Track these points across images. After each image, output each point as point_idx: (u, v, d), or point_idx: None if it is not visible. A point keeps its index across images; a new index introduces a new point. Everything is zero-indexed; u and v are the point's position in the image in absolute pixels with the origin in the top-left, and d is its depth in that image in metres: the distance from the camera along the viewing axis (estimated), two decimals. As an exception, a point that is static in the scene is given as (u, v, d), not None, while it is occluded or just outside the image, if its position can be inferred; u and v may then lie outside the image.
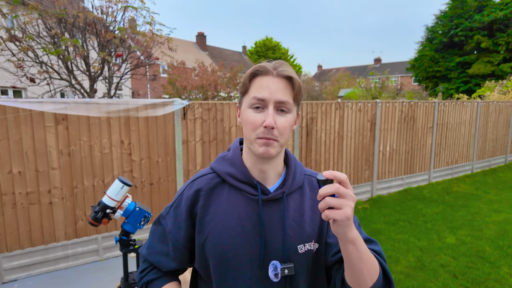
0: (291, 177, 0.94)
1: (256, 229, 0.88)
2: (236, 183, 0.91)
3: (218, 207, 0.90)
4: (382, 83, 16.36)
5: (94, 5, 4.18)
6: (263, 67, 0.86)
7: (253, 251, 0.87)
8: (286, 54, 31.59)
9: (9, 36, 3.69)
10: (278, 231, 0.88)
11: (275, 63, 0.88)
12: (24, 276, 3.30)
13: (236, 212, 0.89)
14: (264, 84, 0.84)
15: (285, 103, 0.84)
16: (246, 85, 0.88)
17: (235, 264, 0.86)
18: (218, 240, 0.87)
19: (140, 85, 18.42)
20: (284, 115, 0.85)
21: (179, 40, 27.62)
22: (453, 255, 3.81)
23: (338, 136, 5.44)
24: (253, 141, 0.85)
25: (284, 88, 0.85)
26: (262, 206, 0.89)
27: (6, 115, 3.05)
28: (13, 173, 3.14)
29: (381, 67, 41.80)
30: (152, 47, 4.59)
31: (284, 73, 0.85)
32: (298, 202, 0.94)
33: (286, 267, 0.86)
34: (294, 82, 0.86)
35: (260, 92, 0.83)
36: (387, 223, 4.82)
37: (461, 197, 6.02)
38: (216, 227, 0.88)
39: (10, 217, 3.18)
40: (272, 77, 0.85)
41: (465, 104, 7.39)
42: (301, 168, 0.99)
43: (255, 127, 0.84)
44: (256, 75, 0.86)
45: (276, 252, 0.87)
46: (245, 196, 0.90)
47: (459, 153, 7.55)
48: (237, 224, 0.87)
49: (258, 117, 0.84)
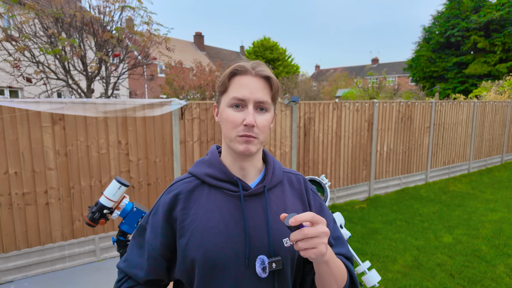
0: (271, 172, 0.95)
1: (239, 226, 0.87)
2: (216, 182, 0.91)
3: (199, 208, 0.88)
4: (380, 83, 16.42)
5: (91, 5, 4.17)
6: (242, 66, 0.87)
7: (237, 248, 0.85)
8: (284, 54, 31.59)
9: (6, 35, 3.67)
10: (261, 225, 0.88)
11: (252, 63, 0.89)
12: (20, 277, 3.29)
13: (217, 210, 0.88)
14: (243, 84, 0.85)
15: (264, 103, 0.86)
16: (226, 84, 0.89)
17: (221, 264, 0.84)
18: (200, 241, 0.85)
19: (138, 85, 18.36)
20: (263, 114, 0.87)
21: (177, 40, 27.56)
22: (449, 254, 3.83)
23: (335, 136, 5.46)
24: (233, 139, 0.86)
25: (263, 87, 0.86)
26: (244, 202, 0.89)
27: (2, 115, 3.04)
28: (9, 173, 3.12)
29: (379, 67, 41.94)
30: (150, 47, 4.58)
31: (263, 73, 0.86)
32: (280, 196, 0.94)
33: (273, 261, 0.85)
34: (272, 82, 0.88)
35: (240, 92, 0.85)
36: (384, 222, 4.83)
37: (458, 197, 6.05)
38: (197, 228, 0.86)
39: (6, 218, 3.16)
40: (251, 77, 0.86)
41: (462, 104, 7.43)
42: (279, 165, 1.01)
43: (235, 125, 0.85)
44: (235, 75, 0.87)
45: (262, 247, 0.86)
46: (226, 194, 0.90)
47: (456, 153, 7.59)
48: (220, 222, 0.86)
49: (238, 115, 0.85)
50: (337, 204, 5.60)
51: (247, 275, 0.85)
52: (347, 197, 5.78)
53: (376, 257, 3.78)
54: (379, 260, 3.72)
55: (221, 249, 0.84)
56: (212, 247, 0.84)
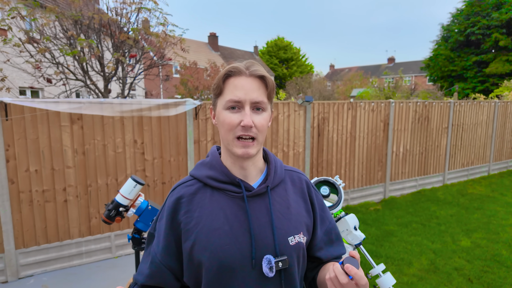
0: (273, 171, 0.95)
1: (244, 226, 0.86)
2: (218, 184, 0.90)
3: (202, 210, 0.88)
4: (396, 83, 16.10)
5: (109, 7, 4.26)
6: (236, 67, 0.86)
7: (243, 248, 0.84)
8: (297, 54, 31.44)
9: (28, 38, 3.80)
10: (266, 225, 0.88)
11: (246, 63, 0.88)
12: (39, 272, 3.39)
13: (221, 212, 0.87)
14: (238, 85, 0.85)
15: (260, 103, 0.85)
16: (220, 87, 0.88)
17: (227, 265, 0.83)
18: (206, 243, 0.84)
19: (153, 85, 18.65)
20: (261, 114, 0.86)
21: (192, 41, 27.84)
22: (467, 259, 3.72)
23: (350, 136, 5.39)
24: (231, 142, 0.86)
25: (258, 87, 0.86)
26: (248, 202, 0.88)
27: (24, 115, 3.14)
28: (30, 171, 3.23)
29: (395, 66, 41.15)
30: (165, 47, 4.65)
31: (257, 73, 0.85)
32: (283, 195, 0.94)
33: (280, 260, 0.84)
34: (267, 81, 0.87)
35: (235, 94, 0.84)
36: (399, 224, 4.74)
37: (477, 199, 5.87)
38: (202, 230, 0.85)
39: (27, 214, 3.27)
40: (245, 77, 0.85)
41: (482, 104, 7.21)
42: (281, 163, 1.00)
43: (232, 127, 0.85)
44: (230, 76, 0.87)
45: (267, 246, 0.86)
46: (228, 195, 0.89)
47: (475, 154, 7.37)
48: (224, 223, 0.86)
49: (235, 117, 0.85)
50: (351, 206, 5.53)
51: (254, 275, 0.85)
52: (362, 198, 5.69)
53: (391, 260, 3.71)
54: (394, 263, 3.65)
55: (227, 250, 0.84)
56: (218, 248, 0.84)
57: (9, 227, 3.19)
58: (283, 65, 31.74)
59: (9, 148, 3.13)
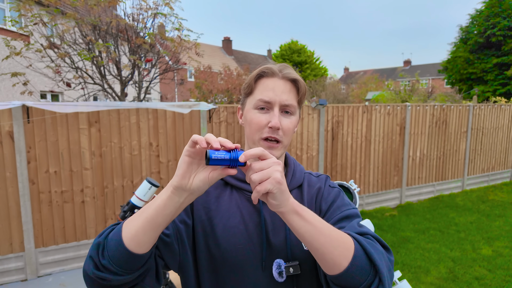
0: (291, 174, 0.94)
1: (259, 228, 0.85)
2: (238, 183, 0.90)
3: (220, 206, 0.88)
4: (412, 86, 15.80)
5: (126, 13, 4.36)
6: (269, 68, 0.86)
7: (256, 250, 0.84)
8: (311, 57, 31.30)
9: (49, 43, 3.93)
10: (280, 228, 0.86)
11: (279, 66, 0.87)
12: (58, 271, 3.47)
13: (238, 211, 0.87)
14: (270, 86, 0.84)
15: (290, 106, 0.84)
16: (252, 86, 0.88)
17: (238, 265, 0.83)
18: (220, 239, 0.84)
19: (168, 89, 18.93)
20: (289, 117, 0.85)
21: (206, 45, 28.17)
22: (489, 268, 3.58)
23: (365, 140, 5.31)
24: (256, 142, 0.85)
25: (289, 90, 0.85)
26: (263, 205, 0.88)
27: (45, 117, 3.24)
28: (50, 172, 3.32)
29: (411, 69, 40.39)
30: (180, 52, 4.71)
31: (290, 76, 0.85)
32: (299, 199, 0.92)
33: (290, 265, 0.82)
34: (299, 84, 0.86)
35: (266, 94, 0.84)
36: (416, 231, 4.62)
37: (499, 206, 5.66)
38: (218, 225, 0.85)
39: (46, 214, 3.36)
40: (277, 79, 0.85)
41: (503, 108, 6.97)
42: (300, 168, 0.99)
43: (260, 127, 0.84)
44: (262, 77, 0.86)
45: (280, 250, 0.85)
46: (246, 195, 0.89)
47: (496, 160, 7.12)
48: (240, 222, 0.86)
49: (263, 117, 0.84)
50: (366, 211, 5.43)
51: (264, 278, 0.84)
52: (377, 203, 5.59)
53: (407, 267, 3.61)
54: (411, 270, 3.56)
55: (240, 250, 0.83)
56: (232, 247, 0.83)
57: (30, 226, 3.29)
58: (296, 68, 31.73)
59: (30, 150, 3.23)
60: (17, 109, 3.15)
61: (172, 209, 0.67)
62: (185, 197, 0.67)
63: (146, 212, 0.67)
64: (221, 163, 0.64)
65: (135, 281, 0.71)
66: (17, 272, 3.31)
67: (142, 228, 0.66)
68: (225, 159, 0.63)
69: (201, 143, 0.62)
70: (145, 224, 0.66)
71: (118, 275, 0.67)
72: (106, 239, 0.69)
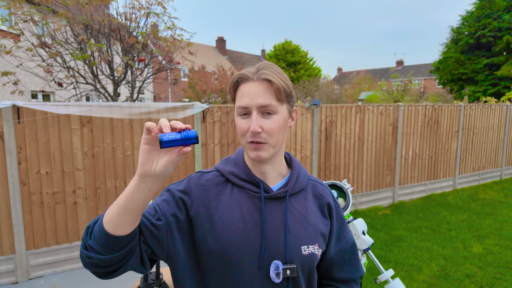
0: (295, 178, 0.95)
1: (258, 227, 0.86)
2: (239, 181, 0.92)
3: (220, 203, 0.89)
4: (405, 86, 15.95)
5: (118, 12, 4.33)
6: (243, 74, 0.87)
7: (254, 249, 0.85)
8: (305, 57, 31.39)
9: (40, 42, 3.88)
10: (280, 230, 0.87)
11: (258, 66, 0.87)
12: (49, 273, 3.43)
13: (238, 209, 0.88)
14: (245, 91, 0.85)
15: (268, 106, 0.84)
16: (232, 94, 0.90)
17: (235, 262, 0.84)
18: (219, 236, 0.85)
19: (162, 89, 18.83)
20: (270, 117, 0.85)
21: (199, 45, 28.07)
22: (479, 265, 3.64)
23: (358, 140, 5.35)
24: (245, 146, 0.88)
25: (266, 91, 0.84)
26: (264, 204, 0.89)
27: (36, 118, 3.20)
28: (41, 173, 3.28)
29: (403, 69, 40.79)
30: (173, 51, 4.69)
31: (263, 76, 0.84)
32: (302, 203, 0.94)
33: (288, 268, 0.84)
34: (273, 83, 0.85)
35: (242, 100, 0.85)
36: (409, 230, 4.67)
37: (489, 205, 5.75)
38: (217, 222, 0.86)
39: (38, 216, 3.31)
40: (252, 83, 0.85)
41: (493, 108, 7.08)
42: (305, 171, 1.00)
43: (243, 133, 0.86)
44: (239, 83, 0.88)
45: (278, 252, 0.86)
46: (247, 193, 0.90)
47: (487, 159, 7.23)
48: (239, 220, 0.87)
49: (244, 123, 0.86)
50: (360, 210, 5.47)
51: (260, 278, 0.85)
52: (370, 203, 5.63)
53: (400, 266, 3.65)
54: (403, 268, 3.59)
55: (238, 247, 0.84)
56: (230, 244, 0.84)
57: (20, 228, 3.24)
58: (290, 68, 31.78)
59: (21, 150, 3.19)
60: (7, 109, 3.10)
61: (142, 195, 0.73)
62: (151, 183, 0.73)
63: (119, 199, 0.75)
64: (174, 144, 0.68)
65: (119, 264, 0.78)
66: (7, 275, 3.26)
67: (116, 213, 0.74)
68: (177, 139, 0.68)
69: (152, 129, 0.69)
70: (118, 209, 0.73)
71: (101, 254, 0.74)
72: (94, 223, 0.78)
